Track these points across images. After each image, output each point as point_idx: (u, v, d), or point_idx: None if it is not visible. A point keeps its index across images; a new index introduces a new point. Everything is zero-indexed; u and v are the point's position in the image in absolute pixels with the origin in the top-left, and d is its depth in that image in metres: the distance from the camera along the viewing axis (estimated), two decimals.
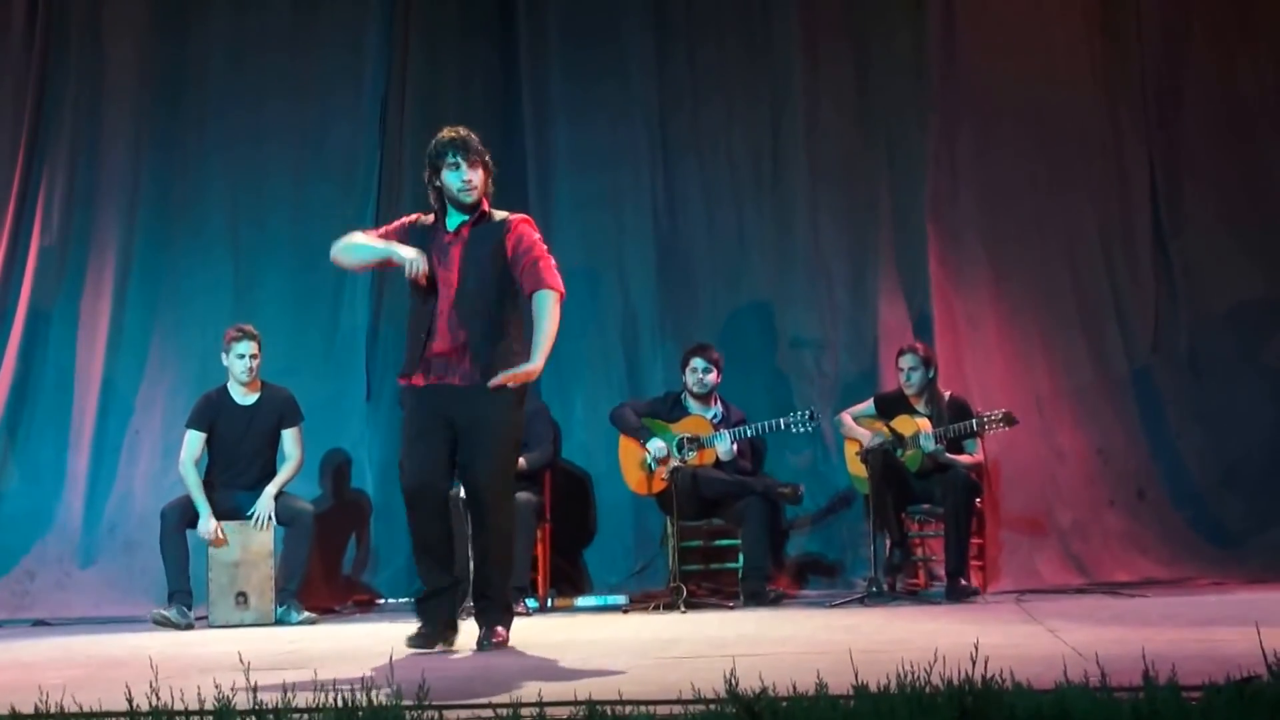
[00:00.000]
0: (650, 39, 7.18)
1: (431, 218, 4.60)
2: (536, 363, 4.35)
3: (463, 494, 4.78)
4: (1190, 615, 4.87)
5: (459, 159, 4.47)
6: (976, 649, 2.88)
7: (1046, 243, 6.91)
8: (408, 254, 4.44)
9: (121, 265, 7.02)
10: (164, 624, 5.92)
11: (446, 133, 4.55)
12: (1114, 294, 6.84)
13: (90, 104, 7.13)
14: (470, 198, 4.50)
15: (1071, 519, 6.62)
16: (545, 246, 4.58)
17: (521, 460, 6.26)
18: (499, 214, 4.60)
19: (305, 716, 2.79)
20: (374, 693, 2.82)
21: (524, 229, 4.55)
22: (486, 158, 4.55)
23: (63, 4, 7.17)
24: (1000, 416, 6.08)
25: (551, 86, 7.22)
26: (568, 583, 6.82)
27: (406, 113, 7.14)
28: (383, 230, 4.75)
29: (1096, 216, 6.89)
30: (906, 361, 6.32)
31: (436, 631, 4.49)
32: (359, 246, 4.59)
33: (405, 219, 4.73)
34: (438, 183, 4.53)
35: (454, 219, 4.55)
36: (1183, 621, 4.62)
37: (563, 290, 4.49)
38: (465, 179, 4.48)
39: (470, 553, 4.69)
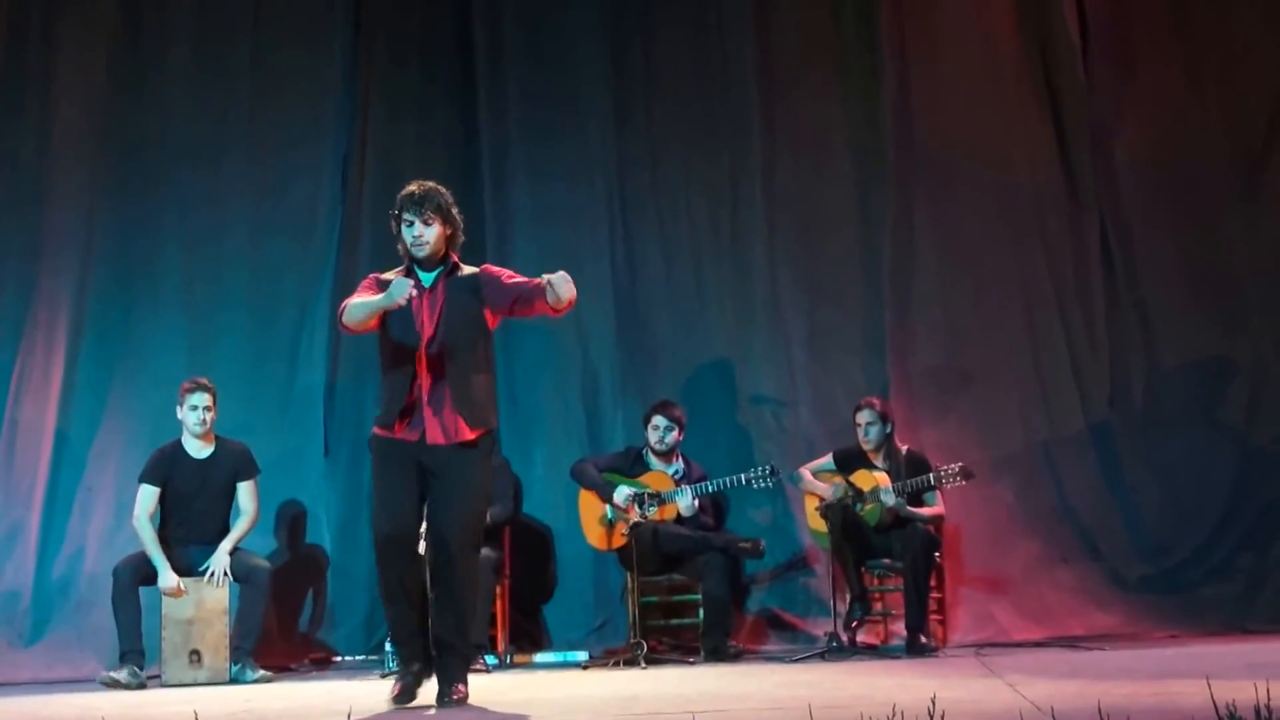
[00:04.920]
0: (609, 98, 7.25)
1: (398, 272, 4.62)
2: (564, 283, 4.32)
3: (423, 546, 4.74)
4: (1146, 669, 4.90)
5: (412, 215, 4.54)
6: (934, 704, 2.88)
7: (1003, 300, 6.99)
8: (396, 289, 4.41)
9: (74, 322, 6.94)
10: (113, 686, 5.81)
11: (408, 187, 4.60)
12: (1070, 349, 6.92)
13: (43, 160, 7.06)
14: (421, 252, 4.55)
15: (1029, 574, 6.66)
16: None
17: None
18: (468, 268, 4.64)
19: None
20: None
21: (491, 267, 4.67)
22: (451, 211, 4.58)
23: (16, 59, 7.13)
24: (958, 470, 6.11)
25: (511, 145, 7.27)
26: (527, 639, 6.78)
27: (367, 171, 7.16)
28: (360, 290, 4.73)
29: (1052, 274, 6.98)
30: (864, 416, 6.36)
31: (415, 682, 4.47)
32: (356, 306, 4.57)
33: (373, 276, 4.73)
34: (399, 238, 4.58)
35: (426, 275, 4.57)
36: (1139, 675, 4.64)
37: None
38: (415, 234, 4.53)
39: (432, 604, 4.64)
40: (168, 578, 6.04)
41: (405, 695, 4.45)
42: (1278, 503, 6.68)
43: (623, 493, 6.37)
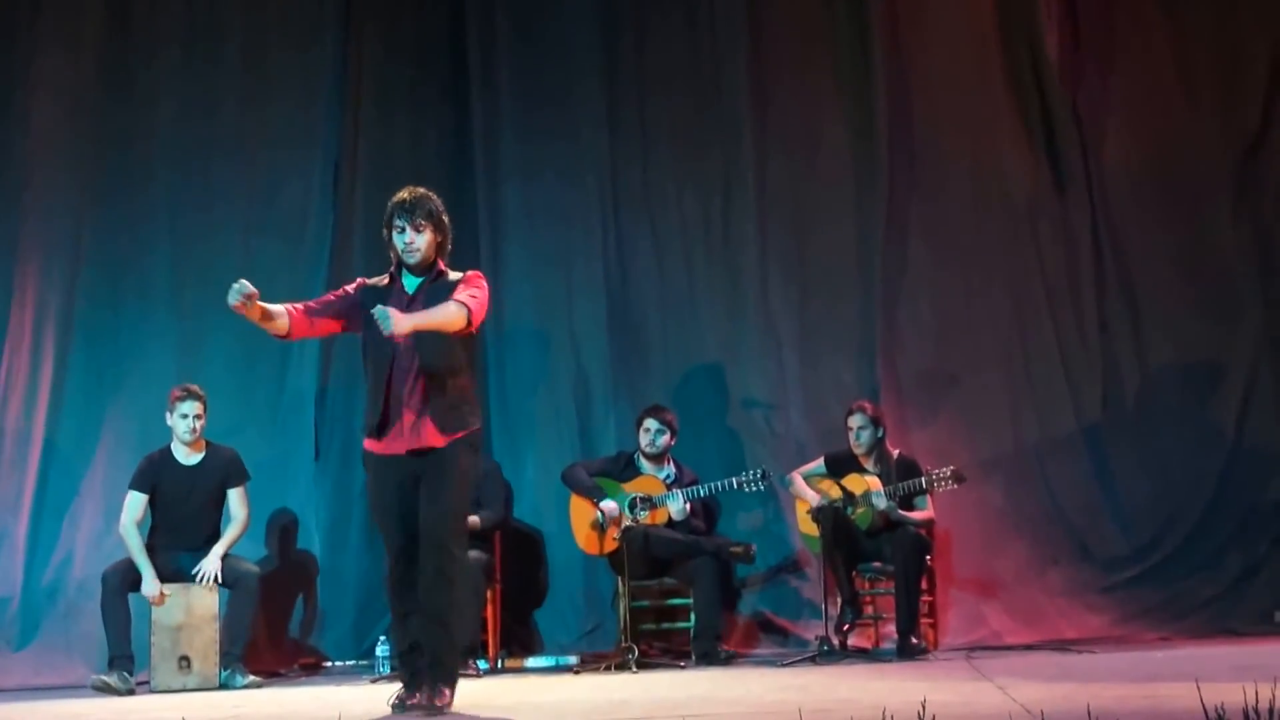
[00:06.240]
0: (601, 97, 7.24)
1: (385, 279, 4.62)
2: (406, 320, 4.25)
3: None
4: (1136, 671, 4.91)
5: (403, 221, 4.53)
6: (924, 707, 2.88)
7: (993, 300, 6.99)
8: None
9: (62, 324, 6.91)
10: (104, 690, 5.79)
11: (399, 194, 4.59)
12: (1061, 350, 6.92)
13: (30, 160, 7.02)
14: (413, 259, 4.55)
15: (1019, 576, 6.66)
16: (487, 294, 4.58)
17: (474, 519, 6.23)
18: (454, 274, 4.63)
19: None
20: None
21: (473, 276, 4.60)
22: (442, 218, 4.58)
23: (3, 57, 7.09)
24: (949, 474, 6.11)
25: (503, 145, 7.26)
26: (518, 643, 6.77)
27: (359, 171, 7.14)
28: (333, 294, 4.72)
29: (1043, 274, 6.98)
30: (855, 420, 6.36)
31: (420, 692, 4.44)
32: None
33: (356, 281, 4.72)
34: (390, 244, 4.58)
35: (410, 281, 4.57)
36: (1128, 677, 4.65)
37: (475, 315, 4.43)
38: (407, 241, 4.53)
39: (419, 604, 4.62)
40: (150, 584, 6.01)
41: (402, 704, 4.43)
42: (1267, 502, 6.70)
43: (609, 505, 6.35)
